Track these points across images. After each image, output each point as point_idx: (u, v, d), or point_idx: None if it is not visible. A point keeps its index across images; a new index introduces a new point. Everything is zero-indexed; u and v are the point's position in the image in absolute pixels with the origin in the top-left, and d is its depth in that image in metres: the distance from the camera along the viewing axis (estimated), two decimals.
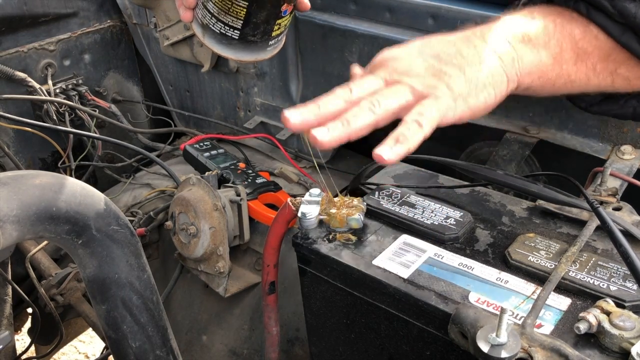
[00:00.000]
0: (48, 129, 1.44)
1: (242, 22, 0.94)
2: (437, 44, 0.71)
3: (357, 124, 0.64)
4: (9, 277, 1.24)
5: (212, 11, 0.94)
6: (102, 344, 1.69)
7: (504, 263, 0.69)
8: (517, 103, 1.04)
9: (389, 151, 0.61)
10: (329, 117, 0.65)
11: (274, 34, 0.99)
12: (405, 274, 0.68)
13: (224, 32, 0.96)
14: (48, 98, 1.45)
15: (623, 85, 0.77)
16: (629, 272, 0.61)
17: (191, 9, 0.98)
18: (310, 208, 0.76)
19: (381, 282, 0.67)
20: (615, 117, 0.84)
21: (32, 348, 1.51)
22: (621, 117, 0.83)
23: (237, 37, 0.97)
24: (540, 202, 0.77)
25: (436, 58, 0.68)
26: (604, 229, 0.66)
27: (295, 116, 0.64)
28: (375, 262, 0.70)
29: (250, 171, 1.26)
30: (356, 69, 0.76)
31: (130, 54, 1.68)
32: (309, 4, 0.99)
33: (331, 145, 0.63)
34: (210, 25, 0.96)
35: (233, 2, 0.91)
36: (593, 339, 0.57)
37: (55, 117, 1.46)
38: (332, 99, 0.66)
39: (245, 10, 0.92)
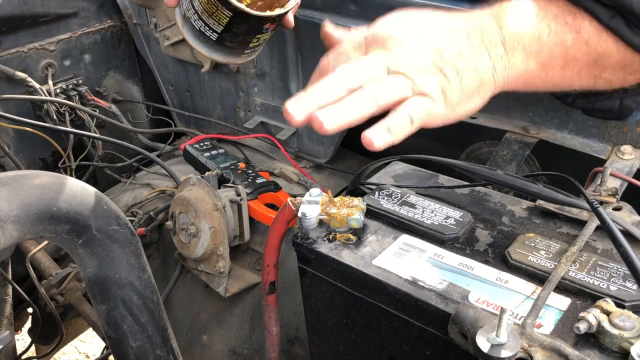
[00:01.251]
0: (48, 129, 1.44)
1: (222, 27, 0.96)
2: (439, 36, 0.70)
3: (358, 112, 0.64)
4: (9, 277, 1.24)
5: (196, 9, 0.95)
6: (102, 344, 1.69)
7: (504, 263, 0.69)
8: (517, 103, 1.04)
9: (379, 139, 0.63)
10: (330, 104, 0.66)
11: (251, 45, 1.01)
12: (405, 274, 0.68)
13: (203, 30, 0.97)
14: (48, 98, 1.45)
15: (604, 85, 0.77)
16: (628, 272, 0.61)
17: None
18: (310, 208, 0.76)
19: (381, 282, 0.67)
20: (601, 113, 0.83)
21: (32, 348, 1.51)
22: (607, 110, 0.81)
23: (214, 39, 0.98)
24: (540, 202, 0.77)
25: (438, 53, 0.68)
26: (604, 229, 0.66)
27: (298, 111, 0.65)
28: (375, 262, 0.70)
29: (250, 171, 1.26)
30: (328, 26, 0.78)
31: (130, 54, 1.68)
32: (293, 23, 1.02)
33: (332, 131, 0.64)
34: (192, 20, 0.97)
35: (218, 8, 0.92)
36: (593, 338, 0.57)
37: (55, 117, 1.46)
38: (335, 85, 0.66)
39: (228, 19, 0.93)
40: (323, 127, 0.63)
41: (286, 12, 0.96)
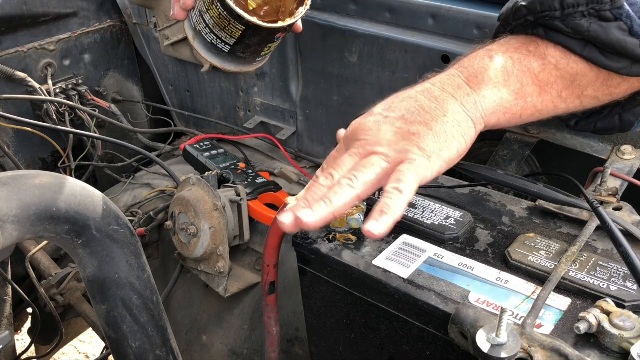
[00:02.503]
0: (48, 129, 1.44)
1: (234, 40, 0.96)
2: (400, 104, 0.71)
3: (339, 201, 0.65)
4: (9, 277, 1.24)
5: (207, 23, 0.95)
6: (102, 344, 1.69)
7: (504, 263, 0.69)
8: None
9: (376, 225, 0.62)
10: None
11: (262, 53, 1.02)
12: (405, 274, 0.68)
13: (215, 43, 0.98)
14: (48, 98, 1.45)
15: (592, 103, 0.77)
16: (629, 272, 0.61)
17: (187, 10, 0.99)
18: None
19: (381, 282, 0.67)
20: (604, 130, 0.84)
21: (32, 348, 1.51)
22: (609, 128, 0.82)
23: (226, 51, 0.99)
24: (540, 202, 0.77)
25: (402, 120, 0.69)
26: (604, 229, 0.66)
27: (290, 219, 0.65)
28: (375, 262, 0.70)
29: (250, 171, 1.26)
30: (341, 131, 0.78)
31: (130, 54, 1.68)
32: (301, 27, 1.02)
33: (317, 226, 0.65)
34: (203, 34, 0.98)
35: (230, 23, 0.92)
36: (593, 339, 0.57)
37: (55, 117, 1.46)
38: (315, 188, 0.68)
39: (240, 32, 0.94)
40: (304, 223, 0.64)
41: (296, 20, 0.96)
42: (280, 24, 0.94)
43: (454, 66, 0.75)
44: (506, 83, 0.72)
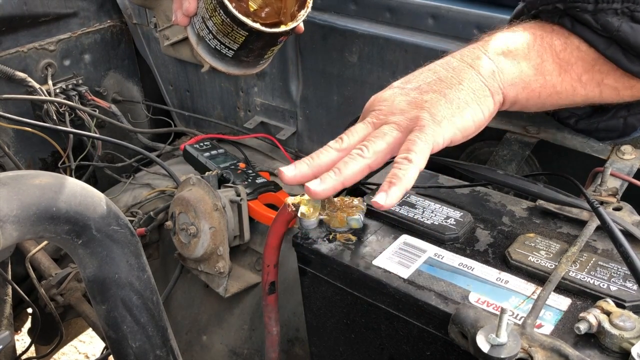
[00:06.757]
0: (48, 129, 1.44)
1: (238, 45, 0.97)
2: (418, 76, 0.72)
3: (349, 170, 0.65)
4: (9, 277, 1.24)
5: (210, 29, 0.96)
6: (102, 344, 1.69)
7: (504, 263, 0.69)
8: None
9: (384, 197, 0.62)
10: (323, 168, 0.67)
11: (266, 56, 1.03)
12: (405, 274, 0.68)
13: (218, 48, 0.99)
14: (48, 98, 1.45)
15: (612, 95, 0.76)
16: (629, 272, 0.61)
17: (189, 16, 0.99)
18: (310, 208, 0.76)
19: (381, 282, 0.67)
20: (605, 133, 0.83)
21: (32, 348, 1.51)
22: (611, 130, 0.82)
23: (230, 56, 1.00)
24: (541, 202, 0.77)
25: (417, 90, 0.69)
26: (604, 229, 0.66)
27: (290, 170, 0.66)
28: (375, 262, 0.70)
29: (250, 171, 1.26)
30: None
31: (130, 54, 1.68)
32: (303, 28, 1.03)
33: (326, 195, 0.65)
34: (206, 40, 0.98)
35: (234, 29, 0.93)
36: (593, 339, 0.57)
37: (55, 117, 1.46)
38: (325, 150, 0.68)
39: (244, 38, 0.95)
40: (312, 192, 0.64)
41: (298, 23, 0.97)
42: (282, 28, 0.95)
43: (475, 41, 0.75)
44: (526, 56, 0.71)
